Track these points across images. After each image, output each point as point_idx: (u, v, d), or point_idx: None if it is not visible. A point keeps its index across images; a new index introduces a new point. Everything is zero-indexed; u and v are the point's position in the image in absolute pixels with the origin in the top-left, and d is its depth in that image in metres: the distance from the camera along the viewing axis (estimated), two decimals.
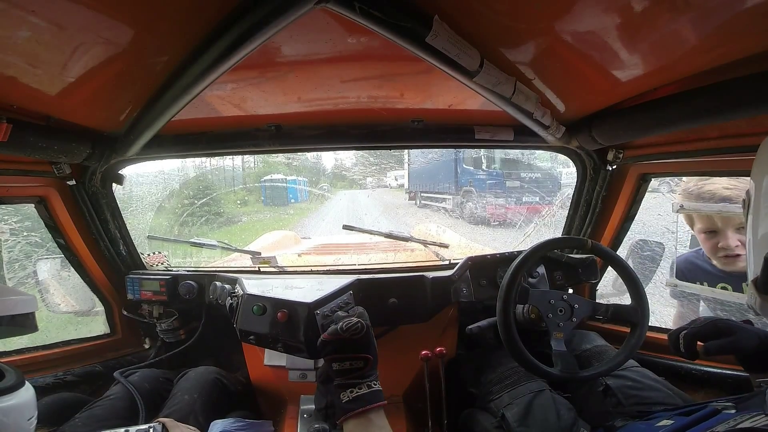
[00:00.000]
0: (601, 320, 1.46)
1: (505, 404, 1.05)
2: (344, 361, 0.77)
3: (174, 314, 1.52)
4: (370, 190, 6.70)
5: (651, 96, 0.91)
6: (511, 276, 1.06)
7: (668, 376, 1.12)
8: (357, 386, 0.75)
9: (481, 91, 0.86)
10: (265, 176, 6.22)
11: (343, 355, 0.78)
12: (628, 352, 1.06)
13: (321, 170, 7.34)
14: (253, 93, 1.05)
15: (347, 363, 0.77)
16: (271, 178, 5.94)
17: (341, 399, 0.74)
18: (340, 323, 0.80)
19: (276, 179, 5.80)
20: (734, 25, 0.61)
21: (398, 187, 8.60)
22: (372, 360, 0.79)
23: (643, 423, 0.80)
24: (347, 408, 0.73)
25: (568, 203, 1.55)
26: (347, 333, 0.78)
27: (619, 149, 1.28)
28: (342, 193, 7.00)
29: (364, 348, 0.79)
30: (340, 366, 0.77)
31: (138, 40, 0.68)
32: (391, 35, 0.66)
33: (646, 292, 1.11)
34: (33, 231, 1.66)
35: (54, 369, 1.32)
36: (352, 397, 0.74)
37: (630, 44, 0.72)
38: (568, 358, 1.02)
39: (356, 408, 0.73)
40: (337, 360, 0.78)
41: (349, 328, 0.79)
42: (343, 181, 6.92)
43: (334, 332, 0.80)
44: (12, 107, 0.83)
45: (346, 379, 0.76)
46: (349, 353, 0.78)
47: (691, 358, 0.87)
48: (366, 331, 0.80)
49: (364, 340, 0.79)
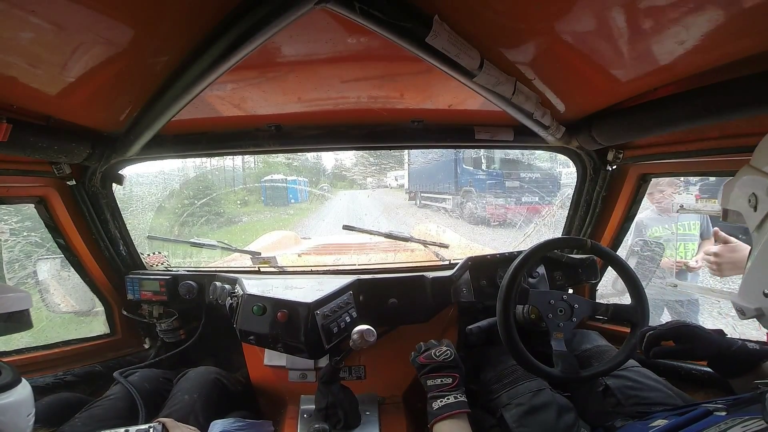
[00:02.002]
0: (602, 320, 1.46)
1: (504, 404, 1.05)
2: (437, 378, 0.96)
3: (174, 314, 1.52)
4: (370, 190, 6.75)
5: (651, 96, 0.91)
6: (511, 276, 1.06)
7: (669, 377, 1.12)
8: (445, 397, 0.92)
9: (481, 92, 0.86)
10: (266, 176, 6.26)
11: (437, 374, 0.96)
12: (628, 352, 1.06)
13: (321, 170, 7.35)
14: (253, 93, 1.05)
15: (438, 380, 0.95)
16: (271, 179, 5.98)
17: (433, 407, 0.92)
18: (434, 349, 1.00)
19: (276, 179, 5.85)
20: (734, 26, 0.61)
21: (398, 187, 8.74)
22: (459, 378, 0.96)
23: (640, 423, 0.80)
24: (437, 414, 0.90)
25: (567, 203, 1.55)
26: (440, 358, 0.98)
27: (619, 149, 1.27)
28: (342, 193, 7.04)
29: (454, 369, 0.97)
30: (433, 382, 0.96)
31: (138, 40, 0.68)
32: (391, 35, 0.66)
33: (646, 292, 1.11)
34: (33, 231, 1.66)
35: (54, 369, 1.32)
36: (441, 405, 0.91)
37: (630, 44, 0.72)
38: (568, 358, 1.02)
39: (444, 413, 0.90)
40: (432, 378, 0.96)
41: (440, 355, 0.99)
42: (344, 182, 6.98)
43: (429, 357, 0.99)
44: (12, 107, 0.83)
45: (437, 392, 0.94)
46: (442, 372, 0.97)
47: (648, 358, 0.96)
48: (454, 357, 0.99)
49: (453, 362, 0.98)
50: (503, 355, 1.17)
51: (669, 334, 0.94)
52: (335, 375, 1.10)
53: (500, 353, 1.21)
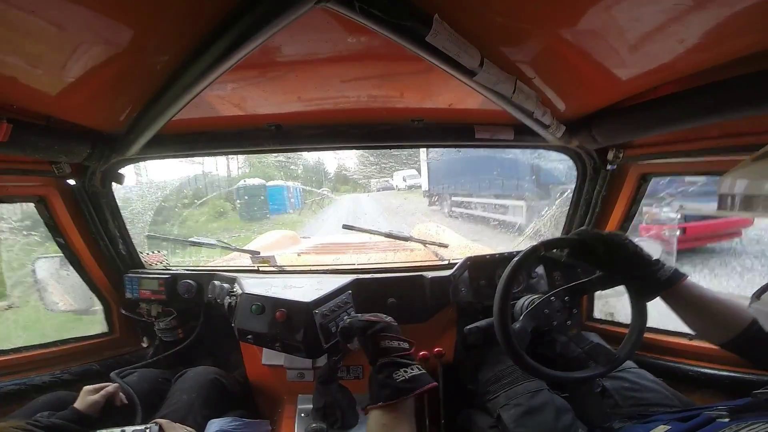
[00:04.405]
0: (601, 320, 1.47)
1: (502, 405, 1.04)
2: (392, 340, 0.77)
3: (172, 313, 1.52)
4: (376, 193, 5.55)
5: (651, 95, 0.91)
6: (509, 277, 1.02)
7: (666, 378, 1.12)
8: (409, 366, 0.74)
9: (481, 90, 0.86)
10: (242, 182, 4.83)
11: (392, 335, 0.79)
12: (626, 352, 1.05)
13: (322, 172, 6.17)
14: (253, 92, 1.05)
15: (395, 342, 0.77)
16: (245, 184, 4.67)
17: (395, 378, 0.72)
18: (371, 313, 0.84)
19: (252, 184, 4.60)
20: (734, 24, 0.61)
21: (407, 189, 6.81)
22: (413, 344, 0.80)
23: (639, 426, 0.80)
24: (405, 387, 0.71)
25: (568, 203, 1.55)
26: (386, 319, 0.83)
27: (619, 149, 1.27)
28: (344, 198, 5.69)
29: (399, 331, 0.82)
30: (389, 344, 0.77)
31: (138, 40, 0.68)
32: (391, 34, 0.66)
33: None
34: (33, 230, 1.65)
35: (51, 368, 1.32)
36: (408, 377, 0.72)
37: (630, 43, 0.72)
38: (602, 349, 0.98)
39: (416, 388, 0.71)
40: (387, 338, 0.78)
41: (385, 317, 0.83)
42: (347, 185, 5.75)
43: (374, 315, 0.83)
44: (12, 107, 0.83)
45: (398, 357, 0.75)
46: (394, 333, 0.79)
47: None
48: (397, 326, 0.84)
49: (398, 329, 0.82)
50: (502, 356, 1.17)
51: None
52: (333, 375, 1.10)
53: (499, 353, 1.21)
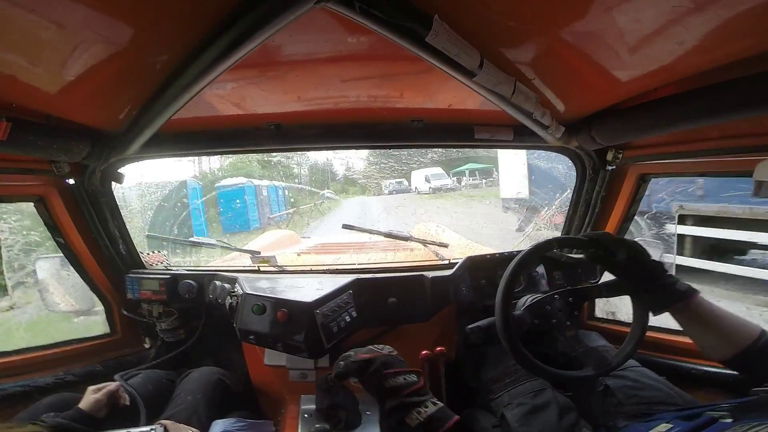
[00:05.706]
0: (602, 319, 1.47)
1: (505, 404, 1.04)
2: (397, 376, 0.66)
3: (174, 314, 1.52)
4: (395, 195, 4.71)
5: (651, 96, 0.91)
6: (516, 266, 1.01)
7: (669, 376, 1.12)
8: (422, 404, 0.63)
9: (480, 91, 0.86)
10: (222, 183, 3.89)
11: (396, 370, 0.67)
12: (629, 350, 1.05)
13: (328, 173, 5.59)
14: (253, 92, 1.05)
15: (401, 378, 0.66)
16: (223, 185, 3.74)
17: (408, 424, 0.62)
18: (366, 348, 0.73)
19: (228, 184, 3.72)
20: (733, 27, 0.61)
21: (431, 192, 5.87)
22: (421, 373, 0.70)
23: (642, 425, 0.80)
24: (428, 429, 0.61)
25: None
26: (384, 351, 0.72)
27: (618, 149, 1.27)
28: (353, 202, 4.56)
29: (404, 363, 0.71)
30: (395, 381, 0.66)
31: (138, 39, 0.68)
32: (391, 35, 0.66)
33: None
34: (32, 230, 1.65)
35: (54, 369, 1.32)
36: (423, 419, 0.62)
37: (630, 44, 0.72)
38: (595, 354, 0.99)
39: (437, 429, 0.61)
40: (391, 376, 0.67)
41: (382, 349, 0.73)
42: (354, 186, 4.89)
43: (370, 351, 0.72)
44: (11, 106, 0.83)
45: (405, 396, 0.64)
46: (398, 368, 0.68)
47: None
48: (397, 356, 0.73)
49: (399, 356, 0.72)
50: (503, 355, 1.17)
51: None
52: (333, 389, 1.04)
53: (500, 352, 1.21)
